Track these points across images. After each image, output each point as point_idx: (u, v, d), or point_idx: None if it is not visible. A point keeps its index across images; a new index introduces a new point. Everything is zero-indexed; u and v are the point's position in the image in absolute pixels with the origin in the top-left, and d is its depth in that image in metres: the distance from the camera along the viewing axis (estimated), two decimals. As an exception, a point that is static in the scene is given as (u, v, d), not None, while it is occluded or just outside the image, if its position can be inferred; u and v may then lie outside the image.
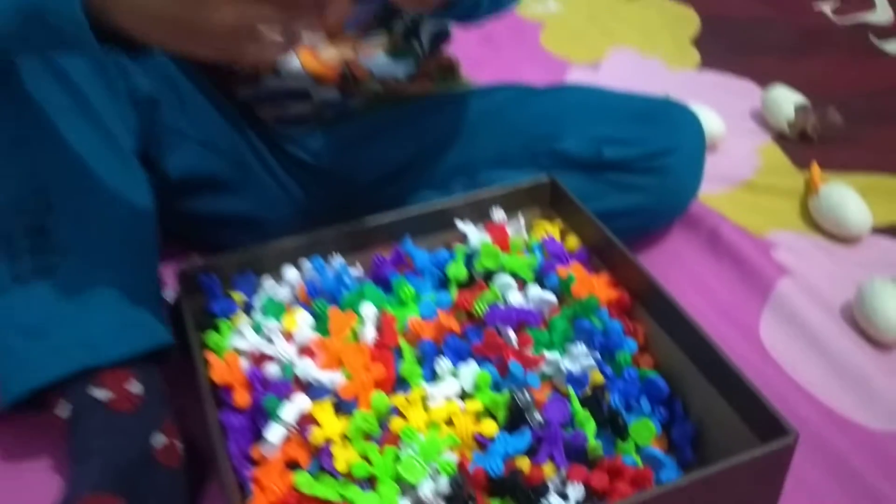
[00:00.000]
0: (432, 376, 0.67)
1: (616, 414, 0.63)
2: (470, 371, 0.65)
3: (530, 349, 0.68)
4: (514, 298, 0.72)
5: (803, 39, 1.45)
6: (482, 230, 0.80)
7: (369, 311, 0.70)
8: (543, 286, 0.74)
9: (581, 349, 0.66)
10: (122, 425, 0.63)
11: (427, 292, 0.74)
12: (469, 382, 0.65)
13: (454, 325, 0.68)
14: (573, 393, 0.64)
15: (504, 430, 0.62)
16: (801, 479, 0.69)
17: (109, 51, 0.52)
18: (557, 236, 0.81)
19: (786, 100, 1.19)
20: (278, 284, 0.75)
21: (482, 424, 0.62)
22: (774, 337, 0.85)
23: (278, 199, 0.90)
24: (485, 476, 0.58)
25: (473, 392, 0.65)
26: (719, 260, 0.95)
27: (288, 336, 0.68)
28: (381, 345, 0.67)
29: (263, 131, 0.89)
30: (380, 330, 0.69)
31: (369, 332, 0.68)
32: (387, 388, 0.64)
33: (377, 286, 0.74)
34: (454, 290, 0.75)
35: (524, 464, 0.59)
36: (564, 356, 0.67)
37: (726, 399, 0.63)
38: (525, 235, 0.82)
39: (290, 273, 0.75)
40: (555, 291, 0.73)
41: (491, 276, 0.74)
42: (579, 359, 0.65)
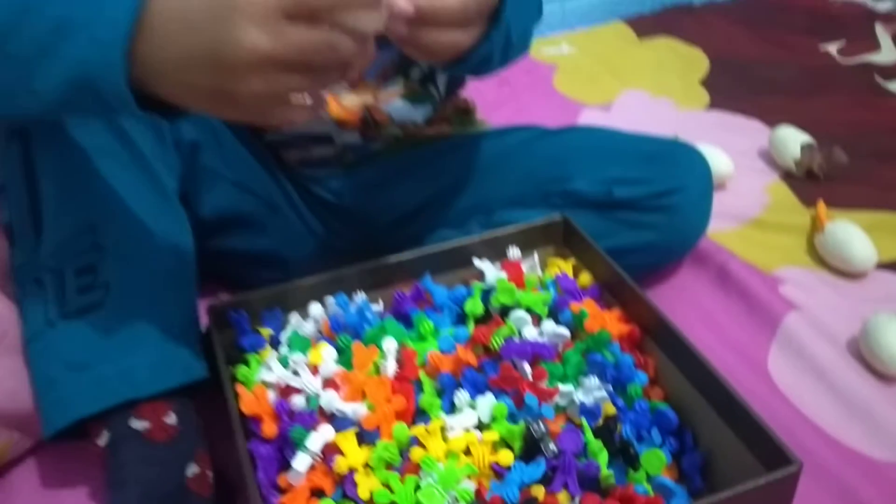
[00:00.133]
0: (451, 408, 0.67)
1: (628, 444, 0.63)
2: (487, 403, 0.66)
3: (545, 382, 0.68)
4: (529, 333, 0.72)
5: (810, 80, 1.44)
6: (498, 267, 0.80)
7: (391, 346, 0.71)
8: (557, 321, 0.75)
9: (594, 382, 0.67)
10: (158, 455, 0.64)
11: (446, 327, 0.74)
12: (486, 414, 0.65)
13: (472, 359, 0.69)
14: (586, 424, 0.64)
15: (520, 460, 0.62)
16: (809, 509, 0.69)
17: (150, 116, 0.54)
18: (570, 273, 0.82)
19: (793, 139, 1.18)
20: (304, 320, 0.76)
21: (499, 454, 0.62)
22: (782, 370, 0.86)
23: (303, 237, 0.91)
24: (501, 504, 0.59)
25: (490, 423, 0.65)
26: (728, 295, 0.95)
27: (313, 369, 0.69)
28: (402, 378, 0.68)
29: (290, 172, 0.90)
30: (401, 363, 0.69)
31: (391, 366, 0.69)
32: (407, 420, 0.65)
33: (398, 321, 0.75)
34: (471, 325, 0.75)
35: (539, 492, 0.59)
36: (578, 389, 0.67)
37: (733, 430, 0.64)
38: (539, 272, 0.82)
39: (315, 309, 0.76)
40: (568, 326, 0.74)
41: (507, 312, 0.75)
42: (592, 391, 0.66)
